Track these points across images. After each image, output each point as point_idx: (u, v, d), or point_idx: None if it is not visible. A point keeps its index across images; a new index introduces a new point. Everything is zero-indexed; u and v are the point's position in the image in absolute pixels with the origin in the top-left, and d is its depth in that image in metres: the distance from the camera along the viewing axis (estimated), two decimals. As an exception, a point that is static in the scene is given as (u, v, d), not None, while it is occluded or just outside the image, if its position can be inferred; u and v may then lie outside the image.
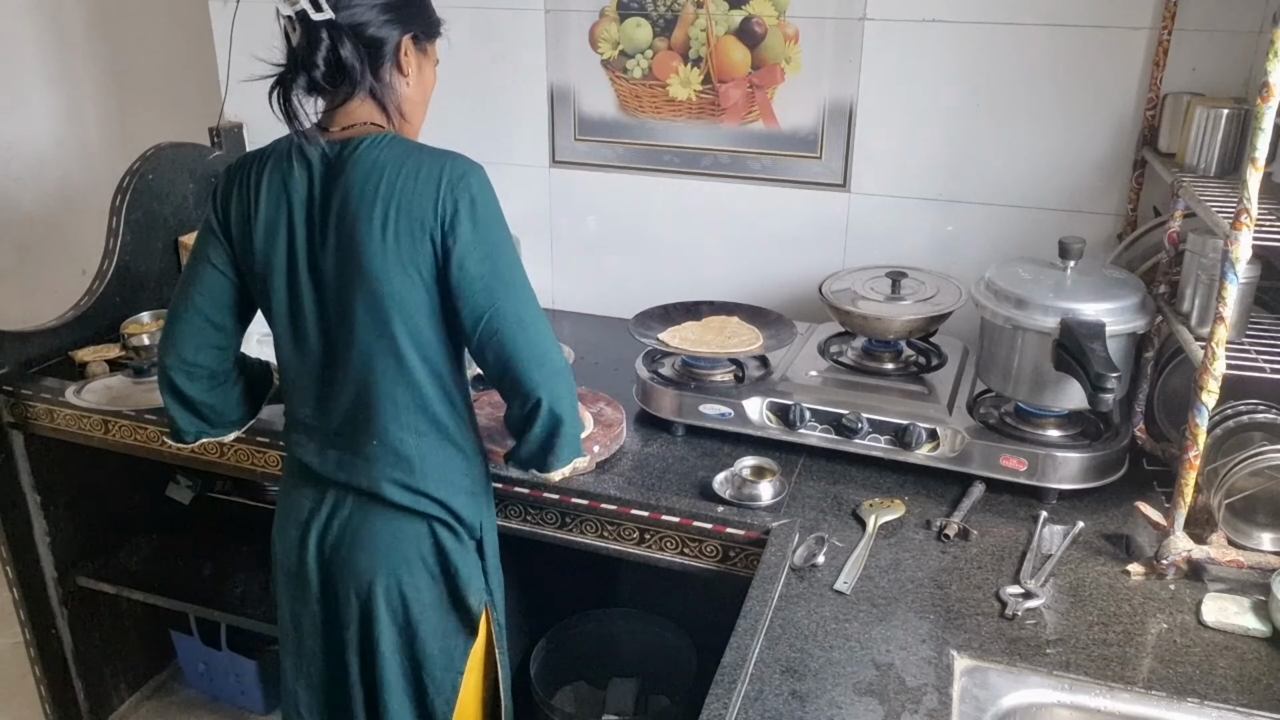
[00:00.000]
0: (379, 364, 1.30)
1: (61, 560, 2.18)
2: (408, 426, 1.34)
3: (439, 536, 1.39)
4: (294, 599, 1.45)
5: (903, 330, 1.78)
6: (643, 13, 2.10)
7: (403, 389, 1.32)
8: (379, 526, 1.37)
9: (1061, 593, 1.39)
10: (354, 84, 1.26)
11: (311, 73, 1.24)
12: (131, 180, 2.19)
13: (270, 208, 1.29)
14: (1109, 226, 1.92)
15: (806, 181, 2.10)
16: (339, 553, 1.38)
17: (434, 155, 1.27)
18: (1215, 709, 1.19)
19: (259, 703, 2.41)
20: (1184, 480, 1.37)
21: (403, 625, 1.39)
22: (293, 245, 1.29)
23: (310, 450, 1.40)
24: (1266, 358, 1.34)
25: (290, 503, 1.44)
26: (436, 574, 1.40)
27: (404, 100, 1.33)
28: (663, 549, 1.59)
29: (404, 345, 1.29)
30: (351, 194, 1.25)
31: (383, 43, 1.27)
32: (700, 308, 1.94)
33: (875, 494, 1.62)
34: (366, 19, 1.24)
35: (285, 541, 1.44)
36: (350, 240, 1.25)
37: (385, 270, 1.24)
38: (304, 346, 1.34)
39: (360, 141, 1.27)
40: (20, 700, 2.40)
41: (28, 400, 1.98)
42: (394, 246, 1.24)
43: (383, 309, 1.26)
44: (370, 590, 1.37)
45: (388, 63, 1.29)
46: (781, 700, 1.17)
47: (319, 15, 1.21)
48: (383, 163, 1.25)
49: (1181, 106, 1.69)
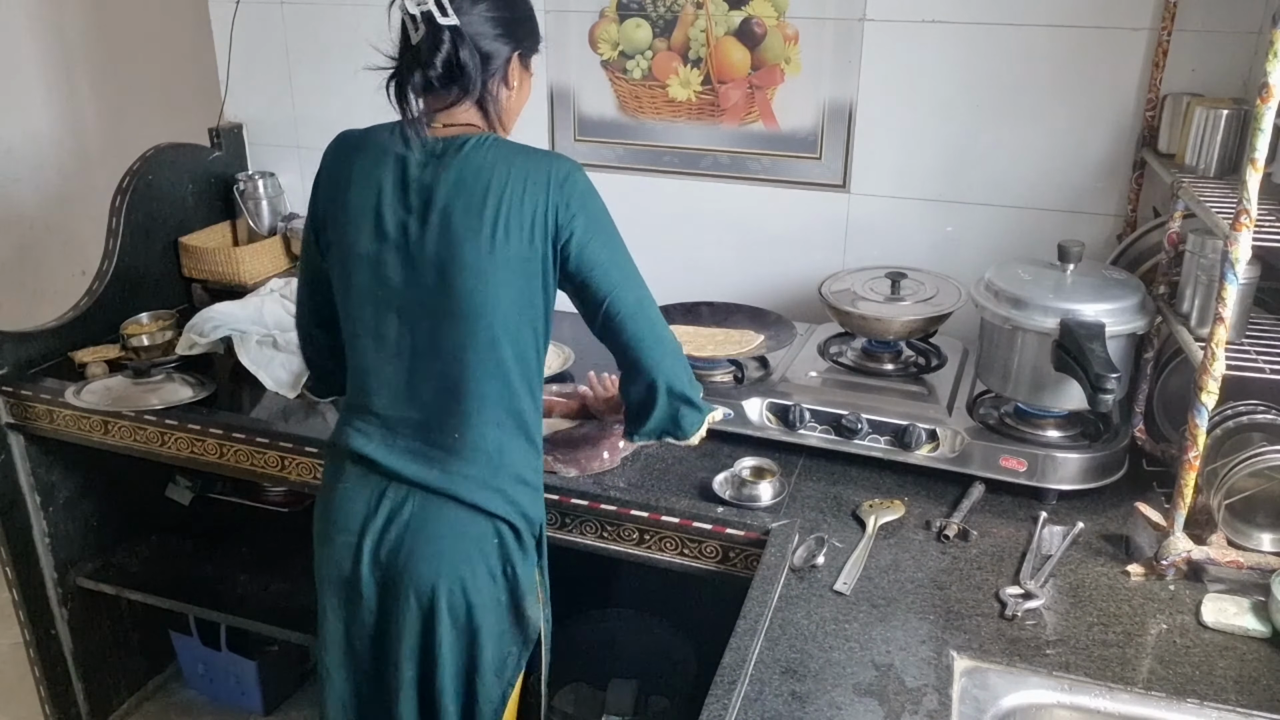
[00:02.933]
0: (473, 358, 1.31)
1: (61, 560, 2.18)
2: (491, 420, 1.34)
3: (503, 537, 1.37)
4: (345, 607, 1.41)
5: (902, 331, 1.79)
6: (642, 13, 2.10)
7: (494, 383, 1.33)
8: (444, 526, 1.35)
9: (1061, 593, 1.39)
10: (465, 89, 1.28)
11: (428, 72, 1.26)
12: (131, 181, 2.19)
13: (361, 193, 1.31)
14: (1109, 227, 1.92)
15: (806, 182, 2.10)
16: (398, 557, 1.35)
17: (539, 155, 1.31)
18: (1215, 709, 1.19)
19: (258, 703, 2.41)
20: (1184, 481, 1.37)
21: (464, 628, 1.37)
22: (381, 232, 1.30)
23: (376, 441, 1.37)
24: (1266, 358, 1.34)
25: (339, 506, 1.39)
26: (498, 575, 1.38)
27: (505, 111, 1.36)
28: (662, 550, 1.59)
29: (500, 339, 1.30)
30: (459, 189, 1.27)
31: (495, 55, 1.30)
32: (700, 308, 1.94)
33: (875, 494, 1.62)
34: (480, 31, 1.27)
35: (334, 549, 1.39)
36: (454, 235, 1.27)
37: (491, 266, 1.27)
38: (383, 333, 1.34)
39: (466, 140, 1.29)
40: (20, 700, 2.40)
41: (28, 401, 1.98)
42: (502, 243, 1.26)
43: (482, 304, 1.28)
44: (434, 594, 1.34)
45: (496, 75, 1.32)
46: (781, 701, 1.17)
47: (445, 20, 1.23)
48: (491, 161, 1.28)
49: (1181, 107, 1.70)
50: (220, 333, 2.02)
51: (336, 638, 1.43)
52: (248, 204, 2.43)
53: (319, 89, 2.40)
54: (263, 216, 2.44)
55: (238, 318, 2.08)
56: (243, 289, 2.32)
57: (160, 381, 2.00)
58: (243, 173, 2.47)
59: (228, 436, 1.85)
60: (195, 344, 2.04)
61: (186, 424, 1.87)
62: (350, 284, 1.34)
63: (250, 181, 2.43)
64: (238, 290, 2.32)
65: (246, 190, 2.43)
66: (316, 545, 1.44)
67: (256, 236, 2.44)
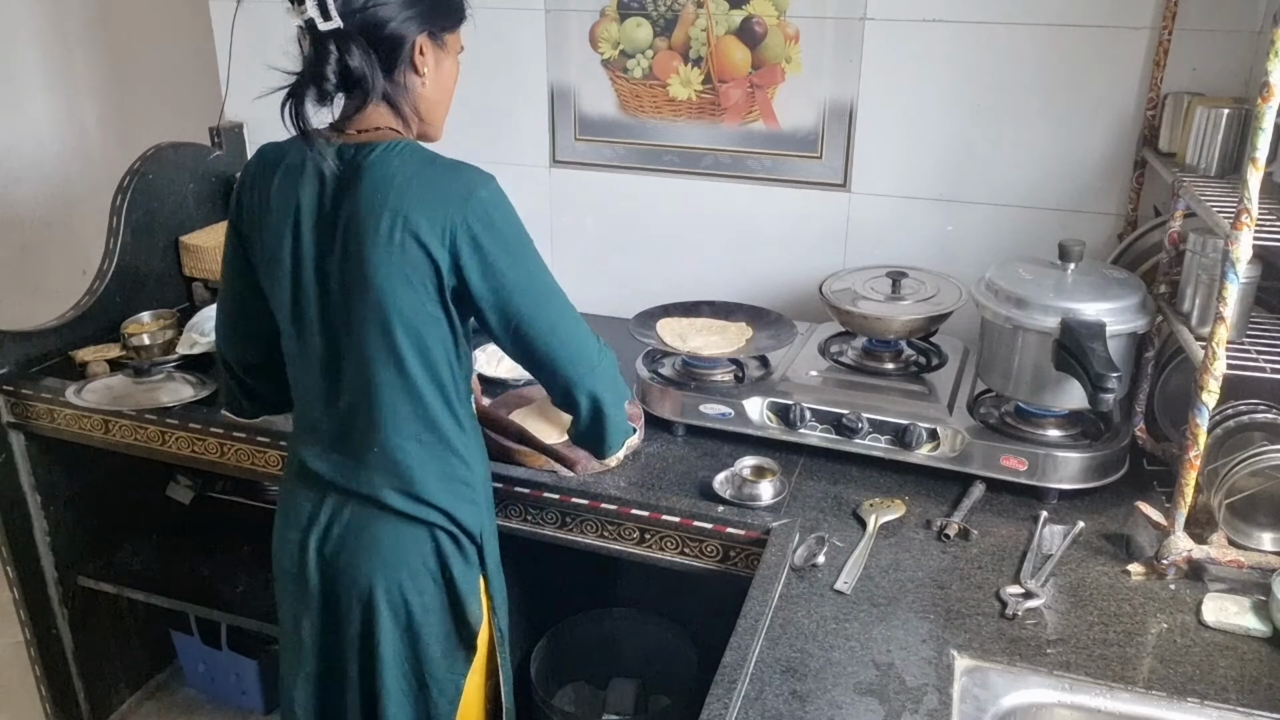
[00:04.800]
0: (380, 372, 1.29)
1: (61, 560, 2.18)
2: (409, 435, 1.33)
3: (440, 544, 1.38)
4: (294, 601, 1.44)
5: (903, 330, 1.78)
6: (643, 12, 2.10)
7: (404, 398, 1.31)
8: (381, 533, 1.36)
9: (1062, 593, 1.39)
10: (365, 92, 1.23)
11: (322, 85, 1.21)
12: (132, 180, 2.19)
13: (280, 209, 1.29)
14: (1109, 226, 1.92)
15: (806, 181, 2.10)
16: (339, 558, 1.38)
17: (447, 167, 1.25)
18: (1215, 709, 1.19)
19: (259, 703, 2.41)
20: (1184, 480, 1.37)
21: (405, 628, 1.38)
22: (299, 247, 1.28)
23: (314, 452, 1.39)
24: (1267, 358, 1.34)
25: (290, 505, 1.43)
26: (438, 578, 1.39)
27: (420, 100, 1.30)
28: (663, 549, 1.59)
29: (406, 354, 1.28)
30: (361, 202, 1.23)
31: (400, 42, 1.24)
32: (700, 308, 1.94)
33: (875, 494, 1.62)
34: (387, 16, 1.21)
35: (285, 544, 1.43)
36: (357, 248, 1.24)
37: (390, 280, 1.23)
38: (308, 349, 1.34)
39: (374, 148, 1.24)
40: (20, 700, 2.40)
41: (28, 400, 1.98)
42: (400, 257, 1.22)
43: (386, 319, 1.25)
44: (371, 595, 1.36)
45: (402, 65, 1.26)
46: (781, 700, 1.17)
47: (326, 25, 1.18)
48: (393, 173, 1.22)
49: (1182, 106, 1.69)
50: (221, 332, 2.02)
51: (287, 632, 1.47)
52: (248, 203, 2.43)
53: (319, 88, 2.39)
54: (263, 216, 2.44)
55: (238, 317, 2.07)
56: (243, 288, 2.31)
57: (161, 381, 2.00)
58: (243, 172, 2.47)
59: (228, 436, 1.85)
60: (196, 343, 2.04)
61: (187, 423, 1.87)
62: (277, 300, 1.33)
63: (250, 181, 2.43)
64: (238, 290, 2.31)
65: (247, 190, 2.42)
66: (274, 541, 1.47)
67: (257, 236, 2.43)
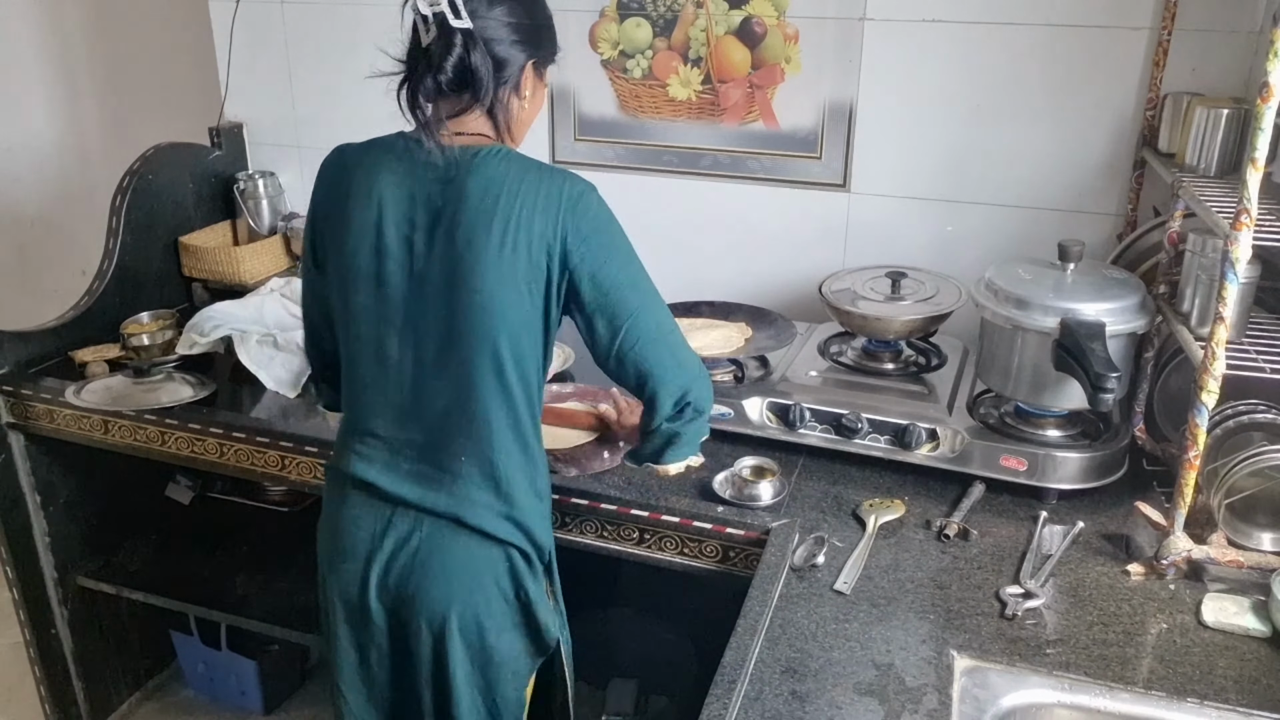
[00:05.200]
0: (479, 378, 1.26)
1: (61, 560, 2.18)
2: (498, 445, 1.30)
3: (514, 563, 1.34)
4: (357, 631, 1.38)
5: (903, 330, 1.78)
6: (643, 13, 2.10)
7: (499, 404, 1.28)
8: (454, 554, 1.31)
9: (1061, 593, 1.39)
10: (477, 95, 1.24)
11: (439, 76, 1.21)
12: (131, 180, 2.19)
13: (360, 208, 1.26)
14: (1109, 227, 1.92)
15: (806, 181, 2.10)
16: (407, 586, 1.32)
17: (553, 173, 1.26)
18: (1215, 709, 1.19)
19: (259, 703, 2.41)
20: (1184, 480, 1.37)
21: (476, 653, 1.34)
22: (382, 246, 1.26)
23: (378, 465, 1.32)
24: (1266, 358, 1.34)
25: (345, 532, 1.35)
26: (511, 598, 1.36)
27: (515, 121, 1.31)
28: (662, 549, 1.59)
29: (505, 361, 1.26)
30: (468, 204, 1.22)
31: (509, 62, 1.26)
32: (700, 308, 1.94)
33: (875, 494, 1.62)
34: (496, 36, 1.23)
35: (342, 575, 1.36)
36: (464, 251, 1.22)
37: (499, 284, 1.22)
38: (385, 355, 1.29)
39: (478, 151, 1.24)
40: (20, 700, 2.40)
41: (28, 400, 1.98)
42: (510, 261, 1.21)
43: (490, 322, 1.24)
44: (445, 623, 1.31)
45: (509, 83, 1.27)
46: (781, 700, 1.17)
47: (458, 22, 1.19)
48: (503, 176, 1.23)
49: (1181, 107, 1.69)
50: (220, 332, 2.02)
51: (350, 661, 1.41)
52: (248, 203, 2.43)
53: (319, 89, 2.40)
54: (263, 216, 2.44)
55: (238, 317, 2.08)
56: (243, 288, 2.32)
57: (160, 381, 2.00)
58: (243, 172, 2.47)
59: (228, 436, 1.85)
60: (195, 343, 2.04)
61: (187, 423, 1.87)
62: (350, 302, 1.30)
63: (250, 181, 2.43)
64: (238, 290, 2.32)
65: (247, 190, 2.43)
66: (324, 569, 1.40)
67: (257, 236, 2.44)
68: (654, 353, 1.28)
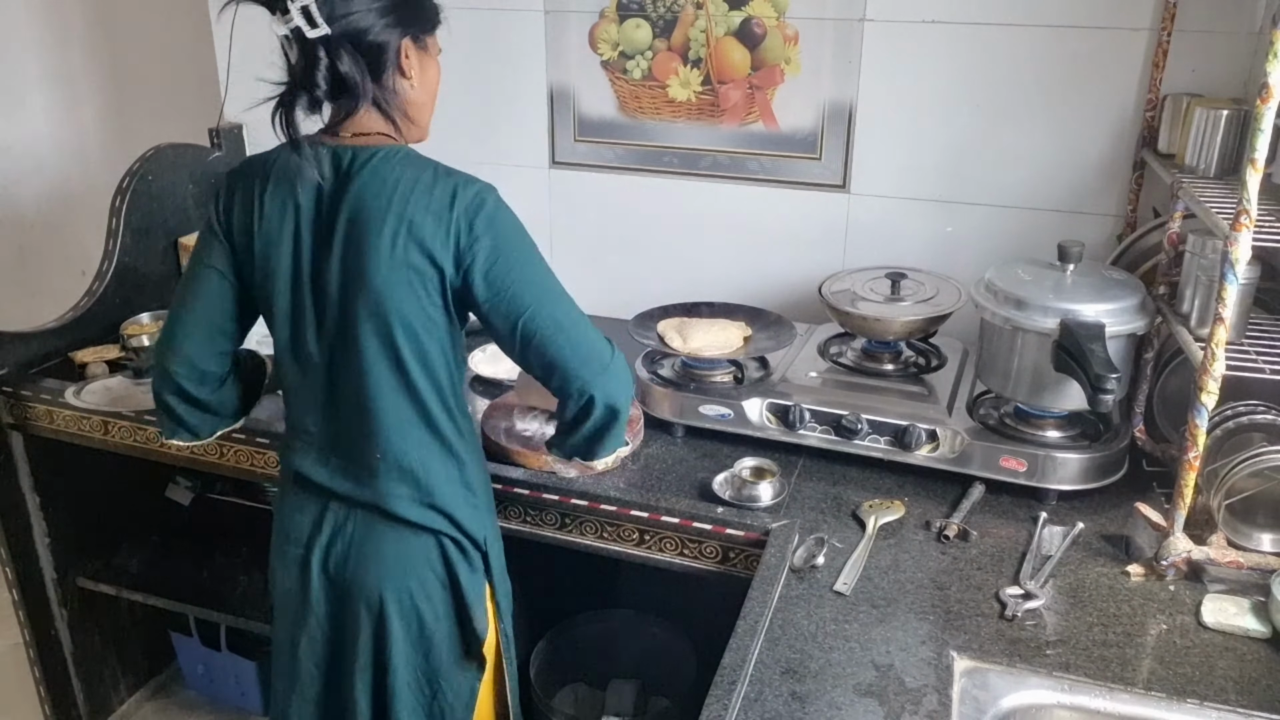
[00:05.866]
0: (381, 377, 1.29)
1: (61, 561, 2.18)
2: (411, 440, 1.33)
3: (447, 551, 1.37)
4: (293, 620, 1.42)
5: (902, 331, 1.79)
6: (642, 14, 2.10)
7: (405, 402, 1.31)
8: (387, 541, 1.35)
9: (1061, 594, 1.39)
10: (356, 98, 1.24)
11: (313, 92, 1.22)
12: (131, 181, 2.19)
13: (275, 215, 1.28)
14: (1109, 227, 1.92)
15: (806, 182, 2.10)
16: (345, 570, 1.36)
17: (447, 175, 1.26)
18: (1215, 710, 1.19)
19: (258, 704, 2.41)
20: (1184, 481, 1.37)
21: (416, 636, 1.37)
22: (297, 253, 1.28)
23: (311, 459, 1.38)
24: (1266, 359, 1.34)
25: (289, 520, 1.41)
26: (446, 584, 1.39)
27: (409, 104, 1.31)
28: (662, 550, 1.59)
29: (407, 359, 1.28)
30: (362, 207, 1.23)
31: (384, 48, 1.24)
32: (700, 308, 1.94)
33: (875, 495, 1.62)
34: (367, 24, 1.21)
35: (285, 561, 1.41)
36: (357, 253, 1.24)
37: (391, 285, 1.24)
38: (305, 356, 1.33)
39: (373, 154, 1.25)
40: (20, 701, 2.40)
41: (28, 401, 1.98)
42: (402, 261, 1.23)
43: (386, 323, 1.26)
44: (382, 604, 1.35)
45: (389, 69, 1.26)
46: (781, 701, 1.17)
47: (314, 32, 1.18)
48: (395, 179, 1.24)
49: (1181, 107, 1.69)
50: (220, 333, 2.02)
51: (283, 655, 1.44)
52: (248, 204, 2.43)
53: (319, 89, 2.39)
54: (263, 217, 2.44)
55: (238, 318, 2.07)
56: (243, 289, 2.32)
57: (160, 382, 2.00)
58: (240, 173, 2.47)
59: (228, 437, 1.84)
60: (195, 344, 2.03)
61: (186, 424, 1.87)
62: (273, 309, 1.32)
63: (250, 182, 2.43)
64: (238, 290, 2.31)
65: (246, 190, 2.42)
66: (271, 559, 1.44)
67: (256, 237, 2.43)
68: (554, 349, 1.28)
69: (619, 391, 1.32)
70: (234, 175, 1.35)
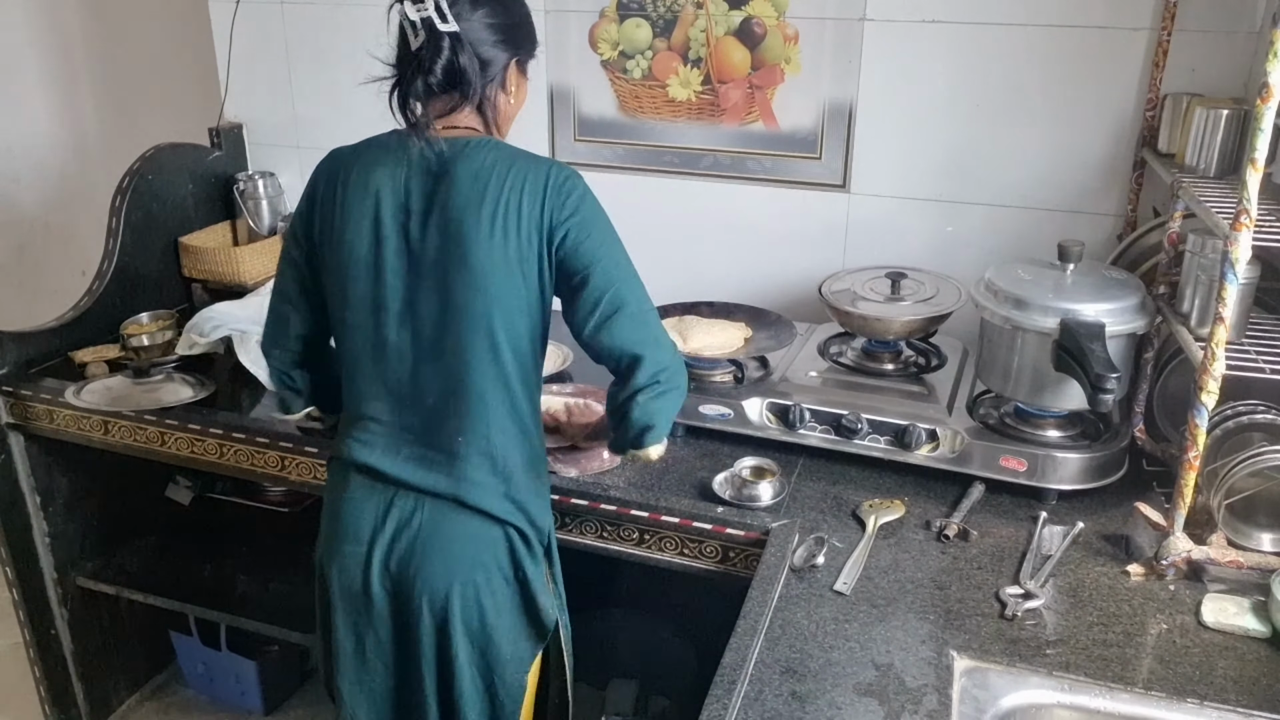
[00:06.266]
0: (474, 359, 1.30)
1: (61, 560, 2.18)
2: (496, 425, 1.34)
3: (513, 544, 1.37)
4: (355, 618, 1.40)
5: (902, 331, 1.79)
6: (642, 13, 2.10)
7: (495, 385, 1.32)
8: (454, 533, 1.34)
9: (1061, 593, 1.39)
10: (465, 94, 1.29)
11: (429, 78, 1.26)
12: (131, 181, 2.19)
13: (356, 199, 1.31)
14: (1109, 227, 1.92)
15: (806, 182, 2.10)
16: (409, 566, 1.34)
17: (539, 159, 1.31)
18: (1215, 709, 1.19)
19: (259, 703, 2.41)
20: (1184, 481, 1.37)
21: (476, 633, 1.37)
22: (379, 236, 1.30)
23: (378, 450, 1.36)
24: (1266, 358, 1.34)
25: (346, 517, 1.38)
26: (510, 578, 1.38)
27: (502, 116, 1.37)
28: (662, 550, 1.59)
29: (500, 341, 1.30)
30: (459, 191, 1.27)
31: (491, 62, 1.31)
32: (700, 308, 1.94)
33: (875, 494, 1.62)
34: (480, 37, 1.28)
35: (343, 561, 1.38)
36: (456, 236, 1.27)
37: (491, 266, 1.27)
38: (382, 340, 1.33)
39: (467, 142, 1.30)
40: (20, 700, 2.40)
41: (28, 401, 1.98)
42: (501, 243, 1.26)
43: (484, 304, 1.28)
44: (446, 600, 1.34)
45: (495, 81, 1.32)
46: (781, 701, 1.17)
47: (445, 26, 1.24)
48: (491, 163, 1.28)
49: (1181, 107, 1.70)
50: (220, 333, 2.02)
51: (347, 651, 1.41)
52: (248, 204, 2.43)
53: (319, 89, 2.40)
54: (263, 216, 2.44)
55: (238, 318, 2.07)
56: (243, 289, 2.32)
57: (160, 381, 2.00)
58: (243, 173, 2.47)
59: (228, 436, 1.85)
60: (195, 344, 2.04)
61: (186, 424, 1.87)
62: (348, 291, 1.34)
63: (250, 181, 2.43)
64: (238, 290, 2.32)
65: (246, 190, 2.43)
66: (324, 560, 1.41)
67: (256, 236, 2.44)
68: (633, 328, 1.31)
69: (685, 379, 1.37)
70: (321, 165, 1.39)
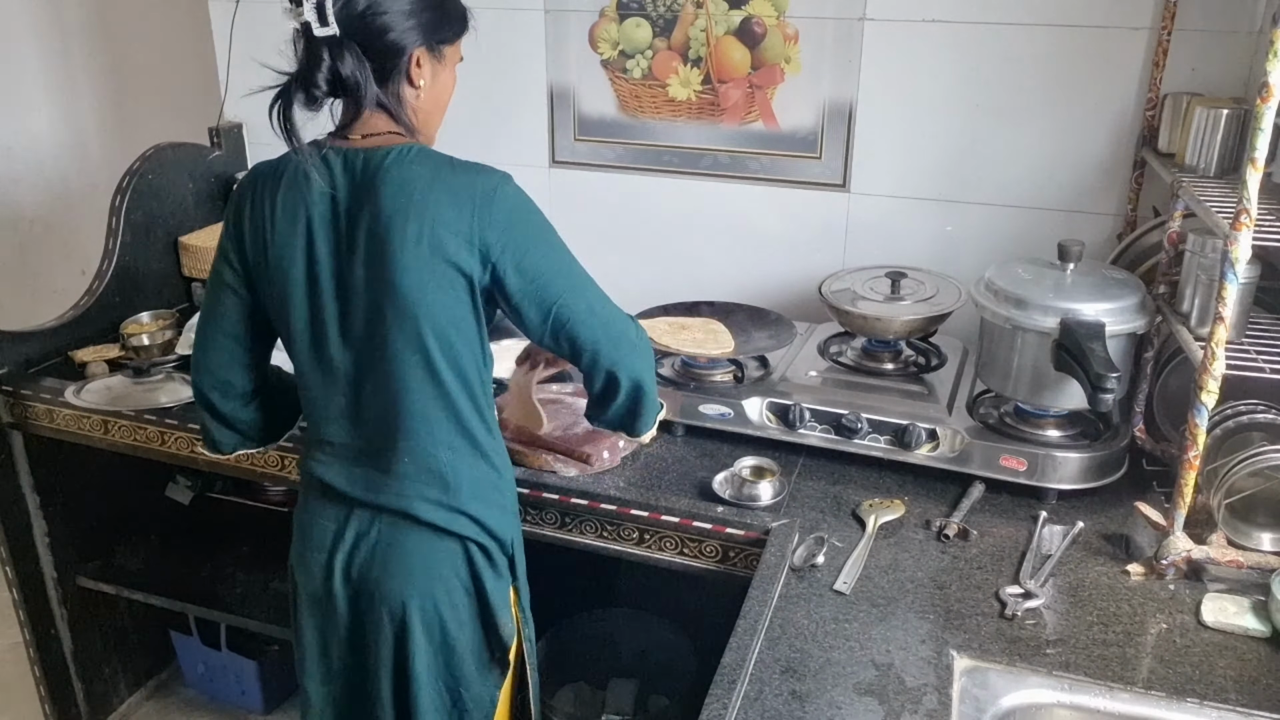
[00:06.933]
0: (410, 377, 1.27)
1: (61, 560, 2.18)
2: (441, 442, 1.31)
3: (472, 556, 1.35)
4: (321, 623, 1.40)
5: (902, 330, 1.78)
6: (642, 13, 2.10)
7: (435, 402, 1.29)
8: (411, 548, 1.33)
9: (1061, 593, 1.39)
10: (358, 101, 1.23)
11: (310, 89, 1.21)
12: (131, 180, 2.19)
13: (286, 221, 1.26)
14: (1109, 227, 1.92)
15: (806, 182, 2.10)
16: (369, 576, 1.34)
17: (465, 168, 1.25)
18: (1215, 709, 1.19)
19: (259, 703, 2.41)
20: (1184, 480, 1.37)
21: (439, 645, 1.36)
22: (313, 258, 1.26)
23: (335, 469, 1.35)
24: (1266, 358, 1.34)
25: (311, 526, 1.39)
26: (470, 590, 1.37)
27: (415, 111, 1.29)
28: (662, 549, 1.59)
29: (436, 358, 1.27)
30: (383, 209, 1.22)
31: (395, 53, 1.23)
32: (700, 308, 1.94)
33: (875, 494, 1.62)
34: (388, 25, 1.21)
35: (308, 567, 1.39)
36: (381, 254, 1.22)
37: (420, 283, 1.22)
38: (327, 362, 1.31)
39: (387, 153, 1.23)
40: (20, 700, 2.40)
41: (28, 400, 1.98)
42: (429, 260, 1.21)
43: (415, 322, 1.24)
44: (405, 612, 1.33)
45: (398, 75, 1.25)
46: (781, 700, 1.17)
47: (322, 31, 1.17)
48: (413, 177, 1.22)
49: (1181, 107, 1.69)
50: (220, 332, 2.02)
51: (314, 655, 1.43)
52: (248, 204, 2.43)
53: (319, 89, 2.39)
54: (263, 216, 2.44)
55: (238, 317, 2.07)
56: (243, 289, 2.32)
57: (160, 381, 2.00)
58: (242, 172, 2.47)
59: (228, 436, 1.84)
60: (195, 344, 2.03)
61: (186, 423, 1.87)
62: (290, 318, 1.30)
63: (250, 181, 2.43)
64: (238, 290, 2.31)
65: (246, 190, 2.43)
66: (293, 566, 1.43)
67: (256, 236, 2.43)
68: (586, 333, 1.30)
69: (644, 368, 1.36)
70: (243, 185, 1.33)
